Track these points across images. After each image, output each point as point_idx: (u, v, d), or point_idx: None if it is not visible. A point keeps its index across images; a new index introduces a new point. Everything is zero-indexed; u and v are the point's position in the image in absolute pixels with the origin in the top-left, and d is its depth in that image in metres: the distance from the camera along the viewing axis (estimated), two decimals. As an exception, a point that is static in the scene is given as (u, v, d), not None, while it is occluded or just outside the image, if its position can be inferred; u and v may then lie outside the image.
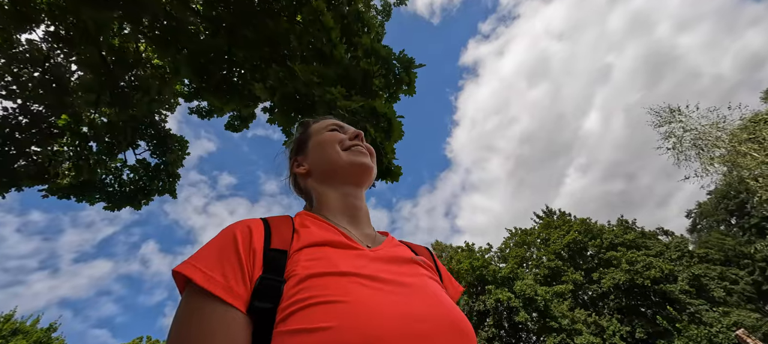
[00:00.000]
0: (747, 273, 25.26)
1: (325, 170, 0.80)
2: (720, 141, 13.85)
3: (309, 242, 0.59)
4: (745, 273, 25.48)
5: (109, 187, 7.94)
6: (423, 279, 0.60)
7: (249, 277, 0.51)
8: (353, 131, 0.86)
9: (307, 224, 0.66)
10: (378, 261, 0.60)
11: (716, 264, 24.99)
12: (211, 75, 5.03)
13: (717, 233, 30.46)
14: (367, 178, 0.81)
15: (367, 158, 0.81)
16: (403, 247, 0.73)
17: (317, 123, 0.91)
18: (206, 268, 0.50)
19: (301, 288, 0.48)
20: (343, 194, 0.78)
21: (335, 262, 0.54)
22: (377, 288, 0.51)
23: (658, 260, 19.98)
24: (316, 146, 0.83)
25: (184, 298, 0.50)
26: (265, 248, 0.56)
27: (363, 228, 0.76)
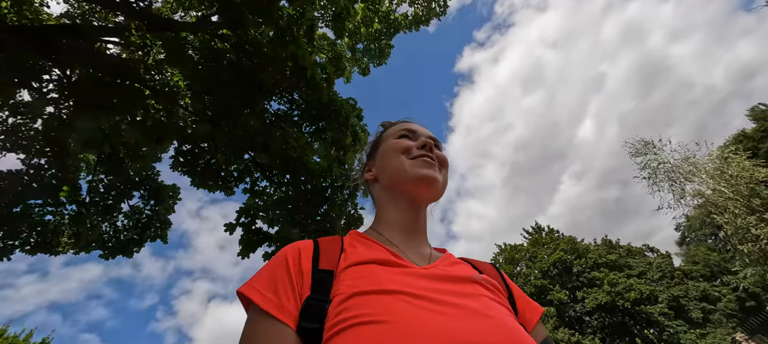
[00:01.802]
0: (731, 290, 25.89)
1: (389, 180, 0.78)
2: (690, 175, 14.49)
3: (355, 261, 0.58)
4: (729, 289, 26.11)
5: (104, 234, 8.54)
6: (482, 300, 0.56)
7: (299, 296, 0.53)
8: (424, 138, 0.79)
9: (355, 244, 0.66)
10: (428, 278, 0.57)
11: (700, 281, 25.61)
12: (197, 160, 5.64)
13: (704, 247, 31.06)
14: (429, 191, 0.75)
15: (432, 171, 0.75)
16: (463, 265, 0.69)
17: (392, 127, 0.87)
18: (262, 288, 0.54)
19: (344, 307, 0.48)
20: (401, 207, 0.75)
21: (380, 280, 0.53)
22: (423, 307, 0.49)
23: (639, 281, 20.58)
24: (383, 153, 0.81)
25: (248, 316, 0.53)
26: (313, 269, 0.57)
27: (418, 246, 0.72)
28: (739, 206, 12.61)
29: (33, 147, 7.22)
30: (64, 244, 6.59)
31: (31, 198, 7.24)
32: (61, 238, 6.53)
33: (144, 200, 8.96)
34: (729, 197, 12.91)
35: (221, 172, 5.70)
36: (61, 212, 7.62)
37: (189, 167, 5.35)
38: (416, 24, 8.44)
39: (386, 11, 8.36)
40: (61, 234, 6.52)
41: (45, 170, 7.43)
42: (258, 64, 6.88)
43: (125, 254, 8.44)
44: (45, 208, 7.44)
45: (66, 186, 6.47)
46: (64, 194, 6.41)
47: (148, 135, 5.30)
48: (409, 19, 8.50)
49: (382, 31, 8.53)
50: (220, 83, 6.38)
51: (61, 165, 7.18)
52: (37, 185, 7.23)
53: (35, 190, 7.25)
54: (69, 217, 6.61)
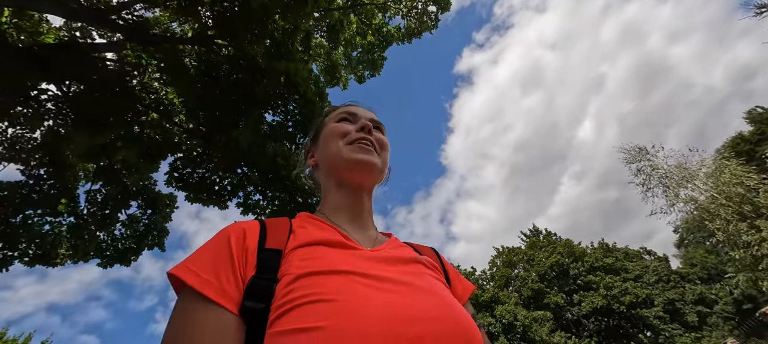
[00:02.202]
0: (727, 292, 25.99)
1: (328, 166, 0.77)
2: (683, 181, 14.62)
3: (304, 241, 0.58)
4: (726, 291, 26.21)
5: (102, 243, 8.68)
6: (426, 278, 0.57)
7: (241, 278, 0.50)
8: (363, 121, 0.78)
9: (304, 225, 0.65)
10: (376, 260, 0.58)
11: (697, 284, 25.73)
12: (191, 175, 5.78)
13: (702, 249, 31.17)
14: (366, 176, 0.75)
15: (370, 155, 0.74)
16: (406, 247, 0.70)
17: (333, 112, 0.85)
18: (200, 270, 0.50)
19: (293, 287, 0.47)
20: (345, 192, 0.74)
21: (330, 261, 0.53)
22: (373, 285, 0.49)
23: (635, 285, 20.69)
24: (323, 139, 0.80)
25: (179, 300, 0.50)
26: (259, 248, 0.55)
27: (365, 229, 0.73)
28: (730, 213, 12.73)
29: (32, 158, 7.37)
30: (62, 256, 6.73)
31: (30, 209, 7.38)
32: (59, 250, 6.67)
33: (141, 210, 9.10)
34: (721, 203, 13.03)
35: (215, 186, 5.84)
36: (59, 222, 7.77)
37: (183, 182, 5.48)
38: (408, 37, 8.60)
39: (379, 24, 8.51)
40: (59, 246, 6.66)
41: (44, 181, 7.58)
42: (253, 77, 7.03)
43: (123, 263, 8.58)
44: (43, 218, 7.59)
45: (64, 199, 6.61)
46: (62, 206, 6.54)
47: (143, 152, 5.44)
48: (402, 32, 8.65)
49: (375, 44, 8.68)
50: (214, 97, 6.54)
51: (59, 176, 7.33)
52: (37, 195, 7.38)
53: (34, 201, 7.39)
54: (67, 228, 6.75)
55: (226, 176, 5.75)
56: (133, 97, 5.19)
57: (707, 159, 14.35)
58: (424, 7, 8.10)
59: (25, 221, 7.21)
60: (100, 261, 8.55)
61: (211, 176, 5.85)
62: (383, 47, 8.79)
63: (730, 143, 31.81)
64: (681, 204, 14.49)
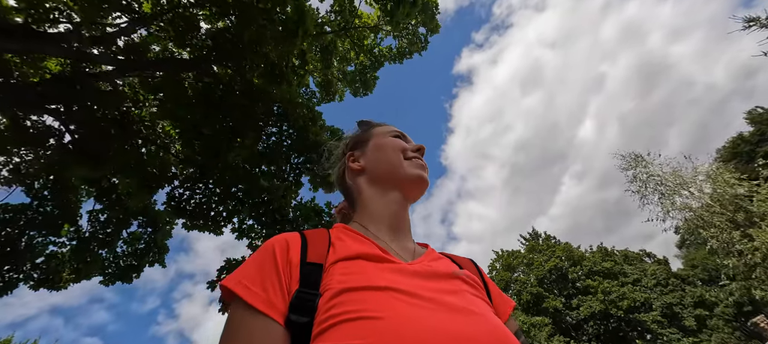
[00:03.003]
0: (728, 294, 25.97)
1: (382, 173, 0.79)
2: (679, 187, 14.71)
3: (344, 255, 0.58)
4: (726, 293, 26.18)
5: (104, 260, 8.95)
6: (466, 296, 0.58)
7: (287, 290, 0.52)
8: (416, 144, 0.85)
9: (342, 238, 0.65)
10: (416, 276, 0.58)
11: (697, 286, 25.72)
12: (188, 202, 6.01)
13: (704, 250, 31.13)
14: (420, 193, 0.80)
15: (426, 173, 0.79)
16: (445, 260, 0.71)
17: (381, 126, 0.90)
18: (248, 282, 0.52)
19: (336, 302, 0.48)
20: (391, 202, 0.76)
21: (371, 276, 0.53)
22: (415, 304, 0.50)
23: (632, 289, 20.76)
24: (377, 147, 0.83)
25: (231, 310, 0.52)
26: (301, 261, 0.56)
27: (403, 241, 0.74)
28: (723, 221, 12.81)
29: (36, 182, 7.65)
30: (65, 279, 7.00)
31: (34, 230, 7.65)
32: (62, 274, 6.93)
33: (142, 227, 9.37)
34: (715, 211, 13.12)
35: (211, 212, 6.07)
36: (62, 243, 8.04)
37: (180, 209, 5.72)
38: (400, 57, 8.81)
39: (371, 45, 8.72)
40: (63, 270, 6.92)
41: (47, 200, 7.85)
42: (248, 100, 7.26)
43: (125, 280, 8.83)
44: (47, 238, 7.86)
45: (67, 224, 6.87)
46: (64, 232, 6.81)
47: (141, 183, 5.69)
48: (394, 52, 8.86)
49: (367, 65, 8.89)
50: (210, 121, 6.77)
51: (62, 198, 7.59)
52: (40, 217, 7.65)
53: (38, 223, 7.67)
54: (70, 251, 7.01)
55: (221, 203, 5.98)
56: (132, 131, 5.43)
57: (702, 166, 14.43)
58: (415, 29, 8.29)
59: (30, 243, 7.49)
60: (102, 279, 8.82)
61: (207, 202, 6.08)
62: (375, 68, 9.01)
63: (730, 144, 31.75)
64: (676, 212, 14.58)
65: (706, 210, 13.40)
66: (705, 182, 13.96)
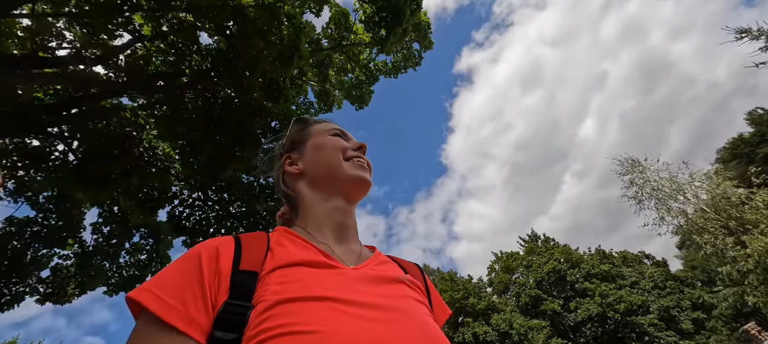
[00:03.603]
0: (723, 298, 26.05)
1: (321, 176, 0.75)
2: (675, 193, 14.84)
3: (283, 262, 0.54)
4: (731, 289, 26.25)
5: (108, 271, 9.20)
6: (408, 302, 0.56)
7: (212, 303, 0.47)
8: (357, 142, 0.82)
9: (283, 242, 0.61)
10: (359, 281, 0.56)
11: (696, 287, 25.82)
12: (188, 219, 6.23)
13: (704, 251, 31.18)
14: (363, 193, 0.77)
15: (368, 173, 0.77)
16: (391, 264, 0.69)
17: (319, 124, 0.85)
18: (163, 294, 0.45)
19: (269, 315, 0.44)
20: (334, 204, 0.73)
21: (309, 285, 0.50)
22: (354, 314, 0.48)
23: (630, 292, 20.91)
24: (315, 148, 0.79)
25: (137, 327, 0.45)
26: (233, 269, 0.51)
27: (349, 244, 0.71)
28: (717, 227, 12.93)
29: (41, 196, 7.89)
30: (70, 293, 7.24)
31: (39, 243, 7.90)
32: (68, 288, 7.18)
33: (144, 238, 9.62)
34: (709, 217, 13.24)
35: (210, 229, 6.28)
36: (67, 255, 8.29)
37: (181, 228, 5.94)
38: (395, 71, 8.99)
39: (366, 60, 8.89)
40: (68, 284, 7.17)
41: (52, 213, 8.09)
42: (246, 117, 7.47)
43: (128, 291, 9.07)
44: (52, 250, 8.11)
45: (71, 239, 7.11)
46: (69, 247, 7.04)
47: (142, 204, 5.91)
48: (389, 66, 9.03)
49: (363, 80, 9.07)
50: (210, 138, 6.98)
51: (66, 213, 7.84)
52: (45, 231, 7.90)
53: (43, 236, 7.91)
54: (75, 264, 7.26)
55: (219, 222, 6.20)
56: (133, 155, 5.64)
57: (697, 173, 14.54)
58: (409, 45, 8.46)
59: (35, 256, 7.74)
60: (106, 290, 9.08)
61: (207, 220, 6.30)
62: (371, 82, 9.19)
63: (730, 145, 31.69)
64: (671, 218, 14.70)
65: (701, 216, 13.52)
66: (700, 188, 14.08)
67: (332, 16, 8.14)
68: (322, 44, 8.94)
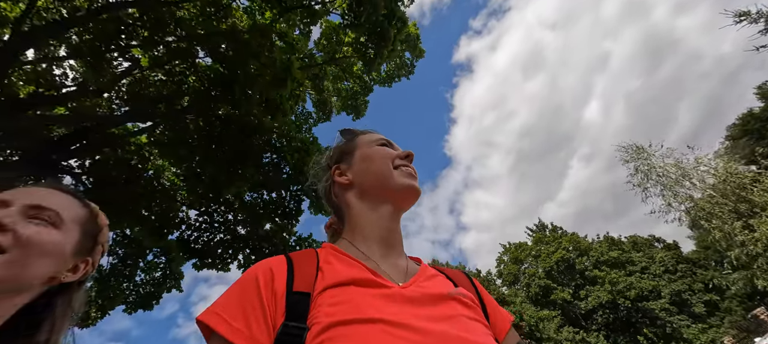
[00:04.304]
0: (732, 282, 25.68)
1: (372, 185, 0.75)
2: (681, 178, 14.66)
3: (332, 282, 0.55)
4: (740, 273, 25.88)
5: (126, 290, 9.62)
6: (462, 322, 0.55)
7: (272, 324, 0.49)
8: (403, 151, 0.81)
9: (331, 261, 0.61)
10: (410, 302, 0.55)
11: (708, 269, 25.53)
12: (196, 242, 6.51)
13: (716, 231, 30.68)
14: (413, 201, 0.77)
15: (417, 181, 0.76)
16: (439, 278, 0.68)
17: (365, 135, 0.85)
18: (229, 317, 0.49)
19: (323, 338, 0.46)
20: (382, 214, 0.73)
21: (360, 306, 0.51)
22: (407, 338, 0.47)
23: (640, 278, 20.81)
24: (364, 158, 0.78)
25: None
26: (287, 291, 0.53)
27: (395, 258, 0.70)
28: (726, 211, 12.78)
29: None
30: (92, 317, 7.64)
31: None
32: (90, 311, 7.57)
33: (157, 257, 10.00)
34: (717, 201, 13.08)
35: (218, 249, 6.56)
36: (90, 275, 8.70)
37: (190, 251, 6.22)
38: (389, 80, 9.10)
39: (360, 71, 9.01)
40: (89, 309, 7.55)
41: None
42: (246, 134, 7.69)
43: (146, 307, 9.48)
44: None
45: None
46: (87, 273, 7.41)
47: (152, 230, 6.20)
48: (383, 76, 9.14)
49: (358, 90, 9.21)
50: (212, 158, 7.23)
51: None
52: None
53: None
54: (95, 289, 7.64)
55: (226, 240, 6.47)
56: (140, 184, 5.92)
57: (703, 157, 14.32)
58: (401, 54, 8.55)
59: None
60: (125, 308, 9.50)
61: (214, 240, 6.57)
62: (365, 93, 9.32)
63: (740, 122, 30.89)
64: (677, 204, 14.56)
65: (708, 201, 13.36)
66: (706, 173, 13.88)
67: (323, 31, 8.27)
68: (316, 57, 9.09)
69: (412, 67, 8.69)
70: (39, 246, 0.57)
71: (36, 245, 0.57)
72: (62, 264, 0.61)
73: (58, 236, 0.60)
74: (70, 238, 0.62)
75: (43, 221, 0.59)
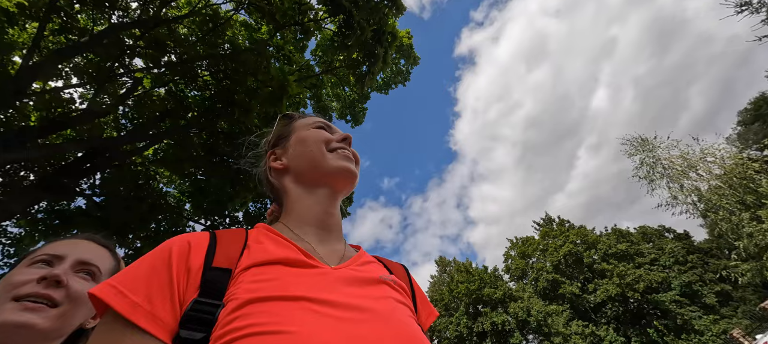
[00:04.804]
0: (740, 273, 25.12)
1: (305, 169, 0.73)
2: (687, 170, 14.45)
3: (259, 260, 0.51)
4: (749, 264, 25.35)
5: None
6: (389, 303, 0.54)
7: (179, 301, 0.45)
8: (341, 133, 0.79)
9: (261, 240, 0.57)
10: (339, 281, 0.54)
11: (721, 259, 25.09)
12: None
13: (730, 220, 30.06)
14: (349, 185, 0.74)
15: (353, 164, 0.74)
16: (375, 264, 0.66)
17: (302, 119, 0.82)
18: (129, 290, 0.43)
19: (239, 314, 0.42)
20: (318, 198, 0.71)
21: (285, 284, 0.48)
22: (330, 314, 0.46)
23: (649, 270, 20.61)
24: (298, 142, 0.76)
25: (100, 325, 0.44)
26: (205, 266, 0.48)
27: (332, 242, 0.68)
28: (732, 202, 12.58)
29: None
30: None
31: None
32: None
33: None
34: (723, 193, 12.88)
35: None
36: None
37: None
38: (386, 87, 9.22)
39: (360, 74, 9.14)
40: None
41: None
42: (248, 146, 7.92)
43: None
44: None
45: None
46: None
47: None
48: (380, 83, 9.27)
49: (355, 99, 9.35)
50: (215, 170, 7.49)
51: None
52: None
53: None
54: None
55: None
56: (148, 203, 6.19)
57: (709, 147, 14.07)
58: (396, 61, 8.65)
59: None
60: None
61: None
62: (363, 101, 9.46)
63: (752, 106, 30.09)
64: (683, 196, 14.35)
65: (715, 192, 13.15)
66: (713, 164, 13.65)
67: (319, 42, 8.41)
68: (313, 67, 9.25)
69: (408, 74, 8.78)
70: (83, 300, 0.67)
71: (81, 299, 0.66)
72: (92, 312, 0.69)
73: None
74: None
75: (87, 276, 0.70)
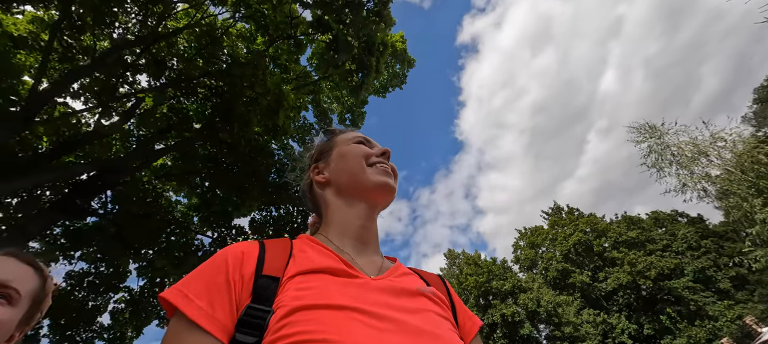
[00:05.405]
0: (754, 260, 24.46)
1: (346, 183, 0.75)
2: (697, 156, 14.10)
3: (304, 268, 0.55)
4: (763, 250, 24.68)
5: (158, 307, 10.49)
6: (429, 316, 0.55)
7: (237, 306, 0.49)
8: (380, 148, 0.82)
9: (305, 249, 0.62)
10: (380, 292, 0.55)
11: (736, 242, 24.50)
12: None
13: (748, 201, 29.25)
14: (387, 199, 0.77)
15: (392, 179, 0.77)
16: (412, 276, 0.68)
17: (344, 134, 0.86)
18: (192, 294, 0.48)
19: (287, 321, 0.45)
20: (358, 211, 0.73)
21: (329, 293, 0.51)
22: (373, 325, 0.47)
23: (660, 257, 20.32)
24: (340, 156, 0.79)
25: (171, 324, 0.48)
26: (256, 274, 0.52)
27: (370, 254, 0.71)
28: (743, 189, 12.27)
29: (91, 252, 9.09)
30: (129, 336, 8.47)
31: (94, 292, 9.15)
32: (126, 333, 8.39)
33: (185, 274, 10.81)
34: (735, 178, 12.56)
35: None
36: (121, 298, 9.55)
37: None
38: (383, 90, 9.26)
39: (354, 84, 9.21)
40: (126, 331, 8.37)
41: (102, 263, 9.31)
42: (250, 157, 8.13)
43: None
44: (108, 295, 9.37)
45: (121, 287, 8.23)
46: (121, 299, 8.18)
47: (171, 260, 6.76)
48: (377, 86, 9.31)
49: (353, 104, 9.42)
50: (220, 181, 7.72)
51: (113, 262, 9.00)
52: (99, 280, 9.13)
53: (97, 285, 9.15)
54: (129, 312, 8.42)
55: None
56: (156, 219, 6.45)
57: (719, 132, 13.66)
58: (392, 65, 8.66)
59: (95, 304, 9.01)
60: (158, 323, 10.38)
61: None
62: (361, 105, 9.53)
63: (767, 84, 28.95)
64: (693, 183, 14.03)
65: (726, 178, 12.82)
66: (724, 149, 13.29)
67: (314, 51, 8.48)
68: (310, 73, 9.34)
69: (404, 77, 8.81)
70: None
71: None
72: (5, 337, 0.68)
73: (9, 314, 0.67)
74: (19, 313, 0.70)
75: (3, 300, 0.67)
